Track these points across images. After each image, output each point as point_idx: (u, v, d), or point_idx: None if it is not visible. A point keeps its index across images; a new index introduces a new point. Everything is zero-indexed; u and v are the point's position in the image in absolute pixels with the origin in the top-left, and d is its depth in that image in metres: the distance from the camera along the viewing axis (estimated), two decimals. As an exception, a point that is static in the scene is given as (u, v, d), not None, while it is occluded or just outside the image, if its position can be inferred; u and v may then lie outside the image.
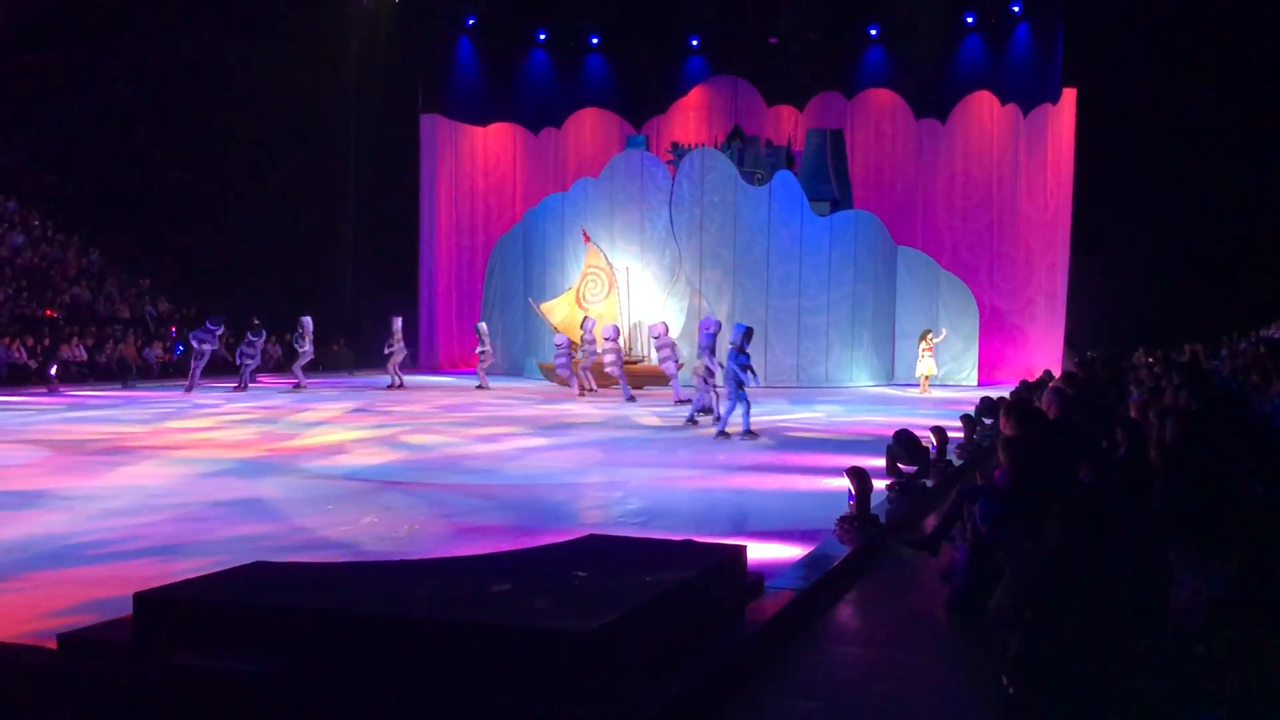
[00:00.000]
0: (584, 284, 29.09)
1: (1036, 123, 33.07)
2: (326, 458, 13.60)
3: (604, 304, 28.64)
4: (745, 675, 5.54)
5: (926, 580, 7.52)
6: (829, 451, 14.64)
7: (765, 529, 9.20)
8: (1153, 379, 14.90)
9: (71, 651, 5.12)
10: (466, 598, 5.21)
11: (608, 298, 28.82)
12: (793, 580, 6.94)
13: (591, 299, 28.79)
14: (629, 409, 21.63)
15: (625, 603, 4.99)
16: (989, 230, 34.19)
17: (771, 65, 36.09)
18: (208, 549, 8.04)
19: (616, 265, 29.10)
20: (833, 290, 29.25)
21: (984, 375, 31.26)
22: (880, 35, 36.60)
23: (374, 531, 9.04)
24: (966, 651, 6.10)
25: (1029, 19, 34.49)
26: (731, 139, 32.24)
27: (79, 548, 8.25)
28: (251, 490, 11.00)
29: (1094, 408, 11.21)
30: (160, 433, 16.18)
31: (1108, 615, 4.65)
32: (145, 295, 33.21)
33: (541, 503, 10.78)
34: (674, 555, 6.24)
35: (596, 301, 28.70)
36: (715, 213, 28.81)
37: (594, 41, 38.29)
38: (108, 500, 10.33)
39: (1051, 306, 32.65)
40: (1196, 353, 20.70)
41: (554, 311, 29.06)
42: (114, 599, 5.93)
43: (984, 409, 15.36)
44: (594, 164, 33.58)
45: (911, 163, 35.18)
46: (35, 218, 33.33)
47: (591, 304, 28.64)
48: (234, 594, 5.33)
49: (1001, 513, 6.48)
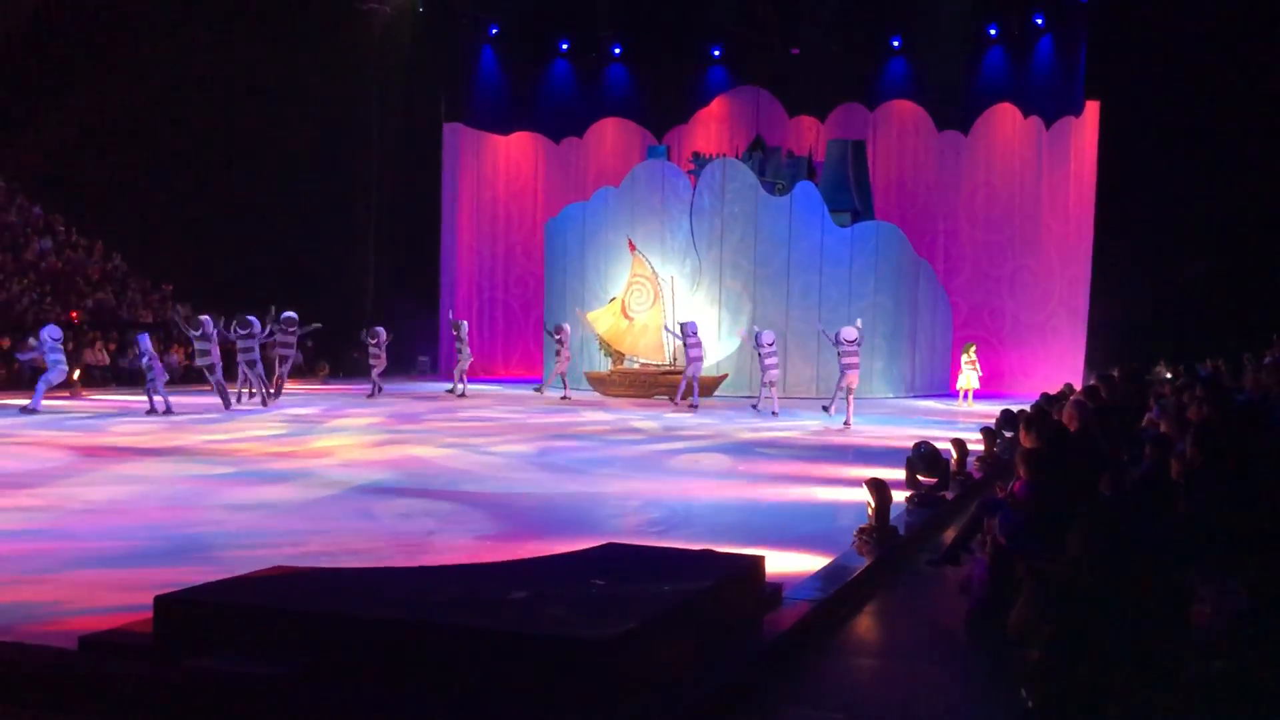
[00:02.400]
0: (629, 293, 28.90)
1: (1059, 135, 32.98)
2: (347, 464, 13.63)
3: (649, 313, 28.45)
4: (762, 686, 5.53)
5: (945, 592, 7.49)
6: (848, 462, 14.62)
7: (784, 539, 9.18)
8: (1174, 393, 14.81)
9: (92, 653, 5.14)
10: (484, 604, 5.22)
11: (653, 307, 28.59)
12: (811, 591, 6.93)
13: (637, 308, 28.65)
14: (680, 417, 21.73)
15: (643, 612, 4.99)
16: (1011, 242, 34.11)
17: (793, 76, 36.11)
18: (227, 553, 8.06)
19: (661, 275, 28.92)
20: (853, 301, 29.17)
21: (1004, 388, 31.15)
22: (903, 46, 36.59)
23: (392, 538, 9.05)
24: (985, 664, 6.08)
25: (1052, 31, 34.43)
26: (753, 149, 32.26)
27: (101, 550, 8.29)
28: (271, 495, 11.03)
29: (1115, 421, 11.15)
30: (179, 437, 16.25)
31: (1127, 630, 4.62)
32: (168, 300, 33.38)
33: (560, 511, 10.79)
34: (692, 565, 6.24)
35: (642, 311, 28.58)
36: (736, 223, 28.82)
37: (616, 51, 38.39)
38: (129, 503, 10.38)
39: (1073, 319, 32.53)
40: (1218, 367, 20.57)
41: (599, 322, 28.87)
42: (135, 602, 5.95)
43: (1004, 422, 15.30)
44: (615, 173, 33.63)
45: (933, 174, 35.14)
46: (60, 222, 33.58)
47: (637, 313, 28.53)
48: (254, 598, 5.36)
49: (1021, 525, 6.45)
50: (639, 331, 28.68)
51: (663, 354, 28.40)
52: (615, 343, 28.25)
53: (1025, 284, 33.79)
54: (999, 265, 34.27)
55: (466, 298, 36.97)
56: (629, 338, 28.82)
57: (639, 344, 28.69)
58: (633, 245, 29.19)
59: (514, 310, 37.25)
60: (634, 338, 28.75)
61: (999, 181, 34.37)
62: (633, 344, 28.72)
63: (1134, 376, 19.22)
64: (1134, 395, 15.48)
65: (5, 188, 33.57)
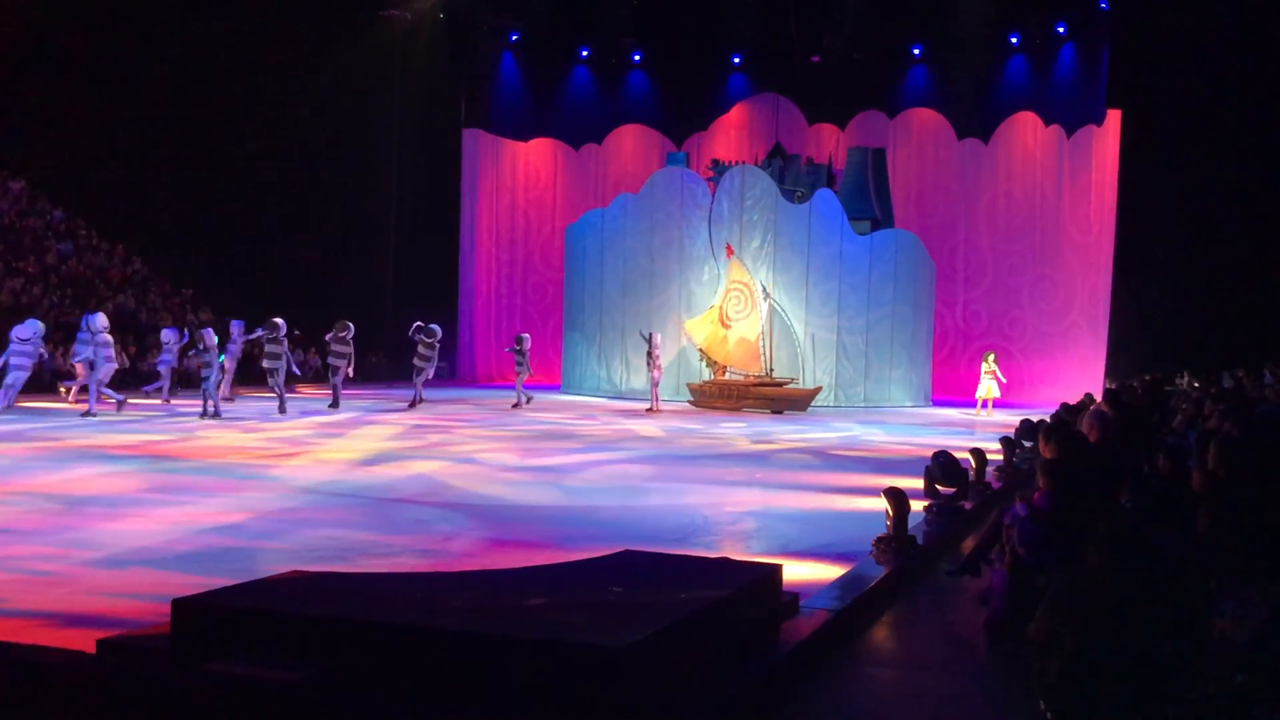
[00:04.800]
0: (727, 300, 28.00)
1: (1081, 144, 32.89)
2: (364, 468, 13.66)
3: (747, 321, 27.48)
4: (779, 695, 5.51)
5: (964, 603, 7.46)
6: (866, 471, 14.59)
7: (801, 548, 9.15)
8: (1196, 404, 14.73)
9: (110, 656, 5.15)
10: (501, 611, 5.22)
11: (750, 315, 27.60)
12: (828, 600, 6.90)
13: (735, 316, 27.73)
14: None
15: (658, 619, 4.98)
16: (1031, 251, 34.02)
17: (813, 83, 36.10)
18: (245, 557, 8.09)
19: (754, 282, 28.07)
20: (872, 310, 29.12)
21: (1024, 397, 31.05)
22: (923, 55, 36.56)
23: (410, 543, 9.07)
24: (1004, 675, 6.05)
25: (1074, 40, 34.35)
26: (772, 156, 32.25)
27: (119, 553, 8.32)
28: (287, 501, 11.06)
29: (1136, 431, 11.09)
30: (194, 441, 16.31)
31: (1147, 641, 4.59)
32: (188, 305, 33.54)
33: (578, 517, 10.78)
34: (709, 573, 6.23)
35: (740, 318, 27.66)
36: (755, 230, 28.78)
37: (636, 58, 38.45)
38: (147, 507, 10.42)
39: (1093, 329, 32.43)
40: (1240, 378, 20.48)
41: (697, 331, 28.00)
42: (154, 605, 5.97)
43: (1024, 432, 15.24)
44: (634, 180, 33.68)
45: (954, 183, 35.08)
46: (81, 226, 33.78)
47: (735, 321, 27.61)
48: (271, 602, 5.36)
49: (1041, 536, 6.42)
50: (736, 341, 27.67)
51: (758, 364, 27.38)
52: (712, 352, 27.19)
53: (1046, 293, 33.69)
54: (1019, 274, 34.17)
55: (485, 304, 37.05)
56: (726, 347, 27.75)
57: (735, 354, 27.61)
58: (731, 250, 28.40)
59: (532, 317, 37.29)
60: (731, 348, 27.68)
61: (1020, 190, 34.29)
62: (728, 354, 27.64)
63: (1155, 386, 19.15)
64: (1155, 405, 15.42)
65: (27, 191, 33.79)
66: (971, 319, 34.69)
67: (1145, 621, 4.66)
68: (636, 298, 30.16)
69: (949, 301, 34.29)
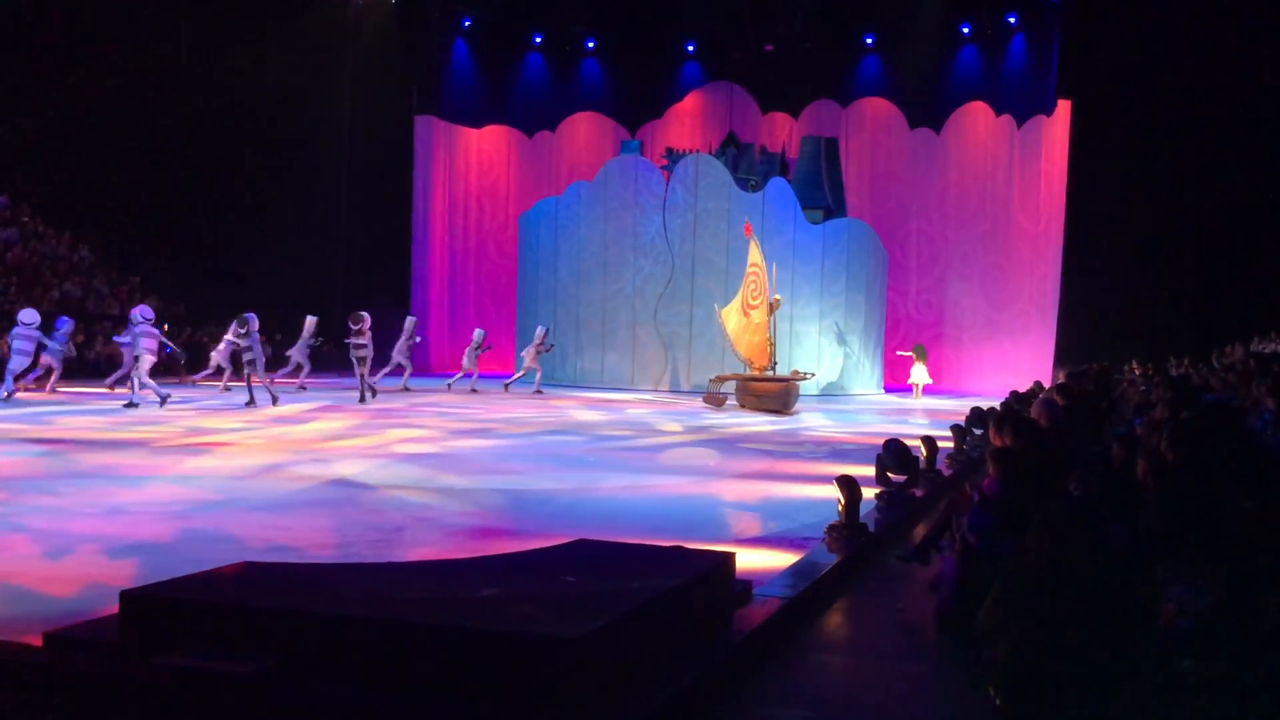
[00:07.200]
0: (746, 285, 25.53)
1: (1031, 134, 33.17)
2: (320, 460, 13.57)
3: (760, 309, 24.92)
4: (732, 683, 5.54)
5: (915, 590, 7.52)
6: (818, 460, 14.67)
7: (754, 536, 9.19)
8: (1143, 392, 14.93)
9: (57, 650, 5.09)
10: (454, 601, 5.20)
11: (763, 302, 24.89)
12: (781, 588, 6.93)
13: (753, 302, 25.14)
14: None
15: (612, 609, 4.98)
16: (982, 240, 34.31)
17: (767, 72, 36.22)
18: (196, 548, 8.00)
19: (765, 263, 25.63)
20: (825, 298, 29.28)
21: (974, 385, 31.33)
22: (876, 44, 36.75)
23: (363, 534, 9.02)
24: (954, 662, 6.10)
25: (1024, 30, 34.65)
26: (726, 145, 32.30)
27: (67, 545, 8.21)
28: (240, 491, 10.96)
29: (1084, 419, 11.22)
30: (149, 430, 16.14)
31: (1093, 628, 4.65)
32: (136, 293, 33.09)
33: (531, 507, 10.77)
34: (662, 561, 6.24)
35: (757, 305, 25.01)
36: (709, 219, 28.82)
37: (590, 45, 38.38)
38: (96, 498, 10.29)
39: (1043, 318, 32.75)
40: (1186, 366, 20.75)
41: (729, 320, 25.50)
42: (102, 597, 5.91)
43: (974, 419, 15.38)
44: (588, 168, 33.65)
45: (906, 172, 35.32)
46: (25, 213, 33.22)
47: (755, 307, 24.99)
48: (221, 594, 5.32)
49: (990, 523, 6.48)
50: (752, 330, 25.01)
51: (765, 356, 24.56)
52: (737, 343, 24.80)
53: (996, 282, 34.01)
54: (970, 263, 34.47)
55: (438, 292, 36.87)
56: (746, 336, 25.13)
57: (748, 343, 24.98)
58: (749, 228, 26.43)
59: (485, 305, 37.15)
60: (749, 336, 25.07)
61: (970, 180, 34.57)
62: (750, 344, 24.96)
63: (1103, 375, 19.38)
64: (1103, 394, 15.60)
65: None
66: (923, 307, 34.98)
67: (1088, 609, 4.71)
68: (590, 286, 30.12)
69: (901, 290, 34.56)
